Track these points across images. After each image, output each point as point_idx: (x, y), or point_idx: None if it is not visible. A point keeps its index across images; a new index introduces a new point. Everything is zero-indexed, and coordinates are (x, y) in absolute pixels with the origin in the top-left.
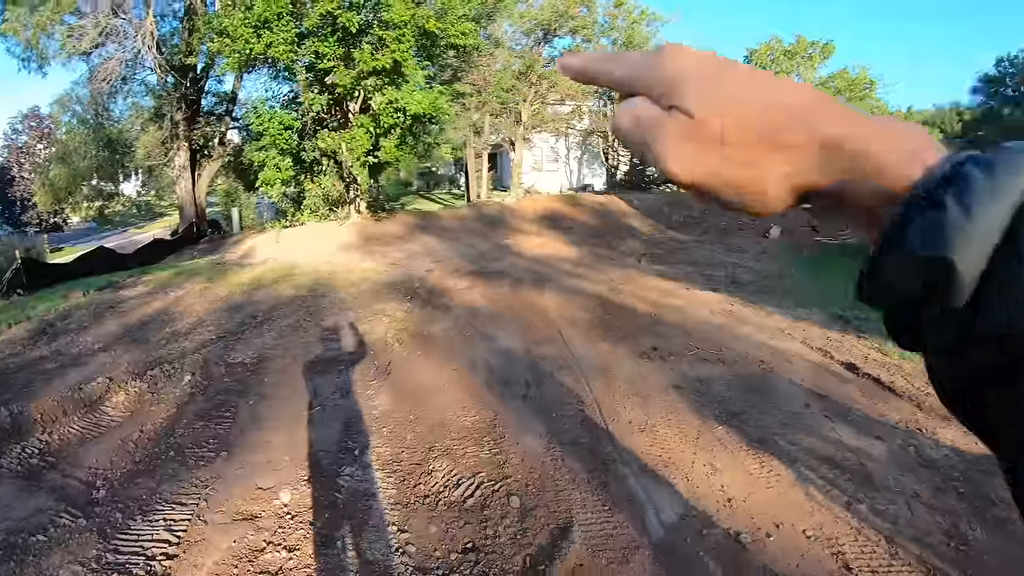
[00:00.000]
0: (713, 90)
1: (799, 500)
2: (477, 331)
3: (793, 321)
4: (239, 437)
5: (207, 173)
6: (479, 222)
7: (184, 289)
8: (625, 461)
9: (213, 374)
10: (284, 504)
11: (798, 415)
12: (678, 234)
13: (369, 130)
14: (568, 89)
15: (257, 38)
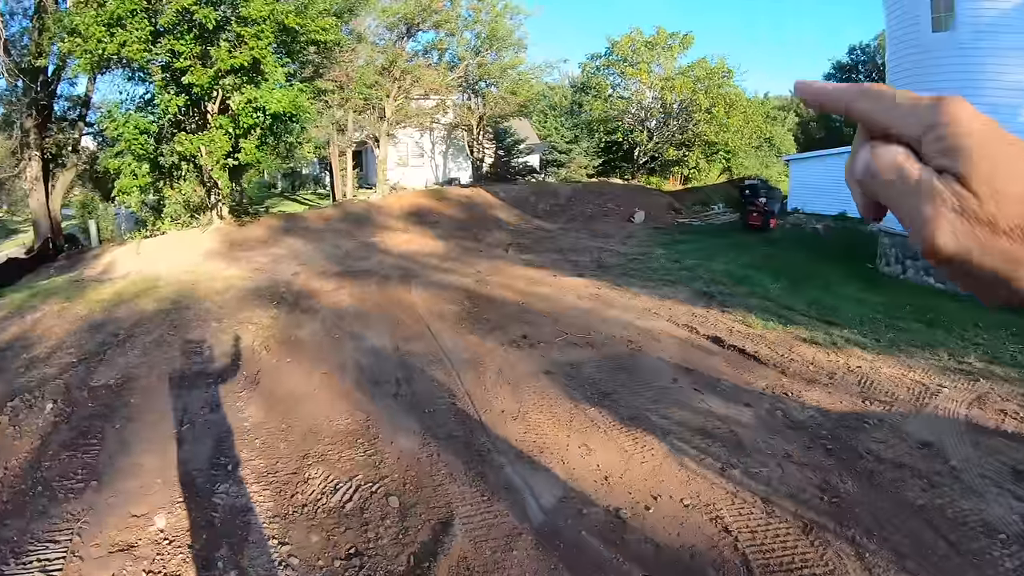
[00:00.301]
0: (998, 170)
1: (674, 471)
2: (345, 332)
3: (659, 300)
4: (108, 464)
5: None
6: (345, 221)
7: (41, 311)
8: (500, 450)
9: (76, 400)
10: (160, 529)
11: (667, 390)
12: (544, 223)
13: (228, 131)
14: (432, 83)
15: (110, 37)
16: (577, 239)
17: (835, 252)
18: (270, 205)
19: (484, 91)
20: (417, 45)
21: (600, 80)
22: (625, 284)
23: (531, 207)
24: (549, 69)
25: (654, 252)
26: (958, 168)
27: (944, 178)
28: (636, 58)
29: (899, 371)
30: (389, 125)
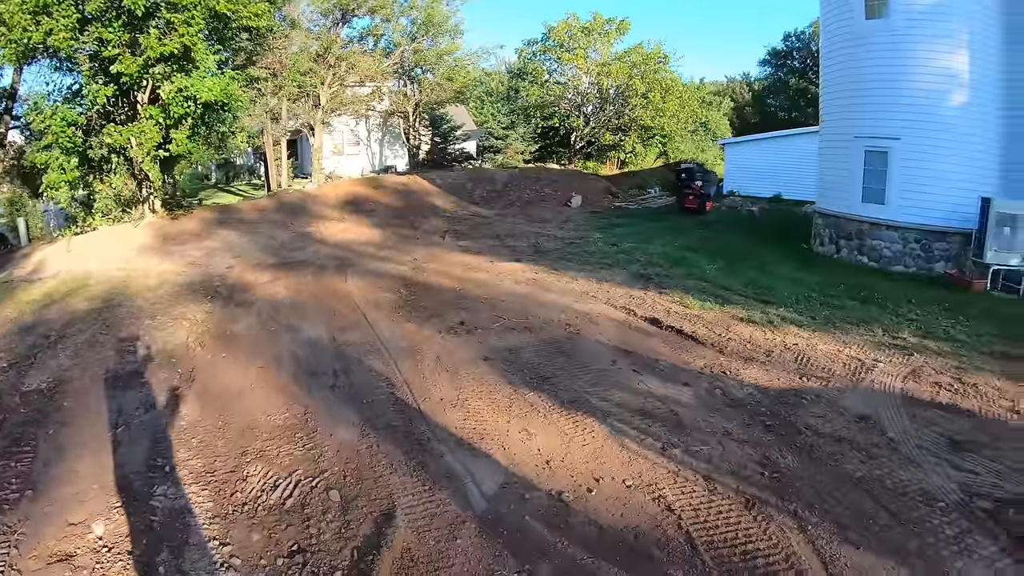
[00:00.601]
0: None
1: (616, 452)
2: (281, 324)
3: (597, 283)
4: (43, 472)
5: None
6: (280, 212)
7: None
8: (440, 439)
9: (8, 406)
10: (99, 537)
11: (607, 372)
12: (481, 209)
13: (159, 121)
14: (367, 70)
15: (36, 25)
16: (514, 225)
17: (770, 233)
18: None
19: (420, 77)
20: (352, 31)
21: (537, 66)
22: (562, 268)
23: (468, 194)
24: (486, 55)
25: (591, 236)
26: None
27: None
28: (573, 44)
29: (835, 347)
30: (324, 113)
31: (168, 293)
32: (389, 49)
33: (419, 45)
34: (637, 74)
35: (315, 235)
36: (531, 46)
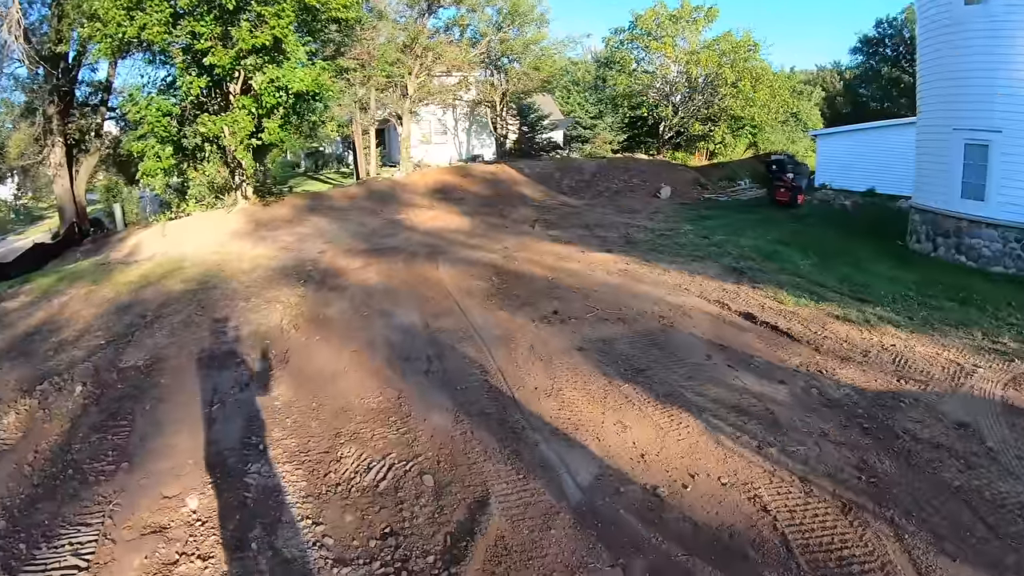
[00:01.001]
0: None
1: (711, 449)
2: (374, 309)
3: (689, 276)
4: (139, 446)
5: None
6: (370, 199)
7: (69, 294)
8: (535, 427)
9: (106, 381)
10: (193, 511)
11: (701, 366)
12: (569, 199)
13: (251, 111)
14: (454, 60)
15: (130, 20)
16: (603, 215)
17: (864, 228)
18: (294, 184)
19: (507, 67)
20: (438, 21)
21: (624, 54)
22: (654, 260)
23: (556, 183)
24: (572, 44)
25: (682, 228)
26: None
27: None
28: (660, 32)
29: (933, 350)
30: (411, 103)
31: (261, 277)
32: (475, 39)
33: (505, 34)
34: (726, 63)
35: (405, 222)
36: (618, 35)
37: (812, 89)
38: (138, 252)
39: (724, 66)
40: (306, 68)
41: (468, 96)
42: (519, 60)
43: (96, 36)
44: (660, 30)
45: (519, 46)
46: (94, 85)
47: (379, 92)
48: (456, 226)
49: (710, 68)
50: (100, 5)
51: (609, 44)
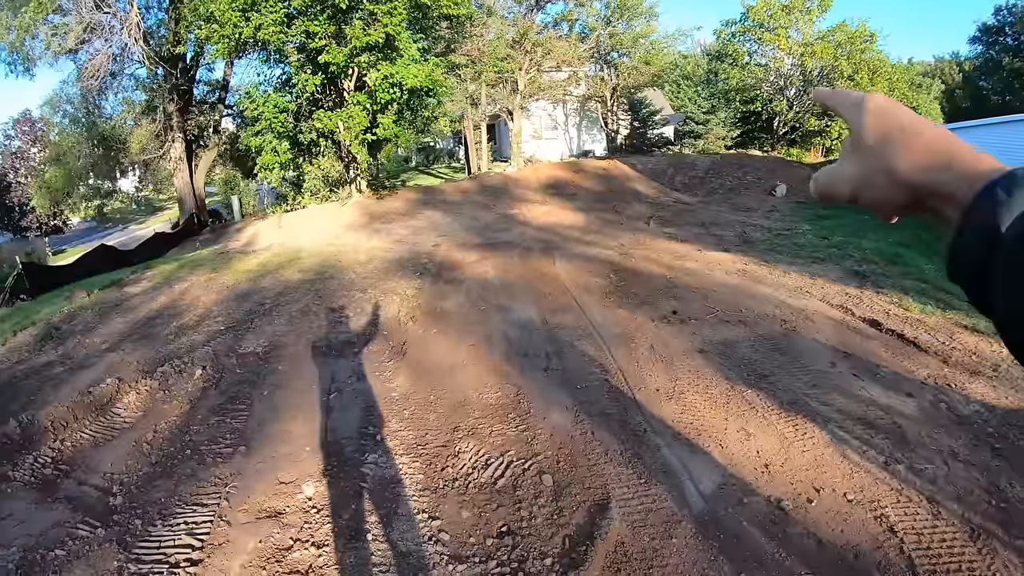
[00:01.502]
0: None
1: (836, 462)
2: (491, 304)
3: (810, 278)
4: (256, 430)
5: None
6: (482, 194)
7: (189, 281)
8: (656, 431)
9: (225, 366)
10: (308, 498)
11: (826, 374)
12: (682, 196)
13: (366, 107)
14: (563, 55)
15: (245, 21)
16: (718, 213)
17: None
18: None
19: (616, 61)
20: (547, 17)
21: (736, 47)
22: (773, 260)
23: (669, 179)
24: (682, 37)
25: (800, 227)
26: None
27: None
28: (773, 23)
29: None
30: (522, 98)
31: (377, 268)
32: (584, 34)
33: (614, 29)
34: (842, 54)
35: (518, 217)
36: (729, 27)
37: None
38: (255, 242)
39: (840, 58)
40: (419, 64)
41: (578, 91)
42: (629, 54)
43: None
44: (772, 21)
45: (628, 40)
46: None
47: (489, 88)
48: (570, 222)
49: (825, 60)
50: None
51: (720, 36)
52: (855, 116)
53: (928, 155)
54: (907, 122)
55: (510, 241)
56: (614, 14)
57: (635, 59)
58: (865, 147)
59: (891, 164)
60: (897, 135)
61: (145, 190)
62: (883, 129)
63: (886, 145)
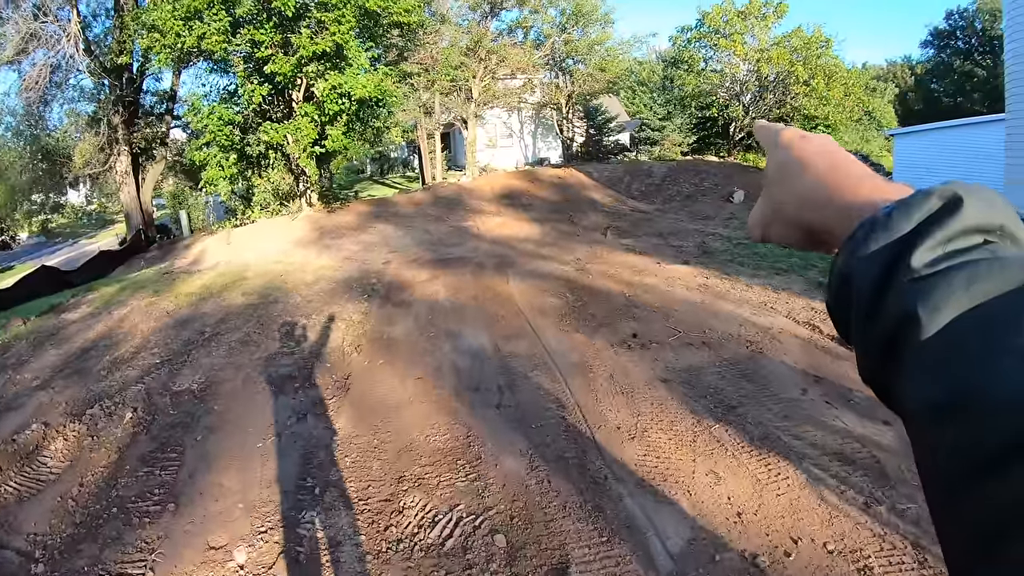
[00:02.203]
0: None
1: (814, 506)
2: (441, 329)
3: (774, 292)
4: (187, 483)
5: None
6: (435, 205)
7: (129, 306)
8: (618, 477)
9: (157, 407)
10: (240, 566)
11: (797, 403)
12: (640, 204)
13: (314, 119)
14: (518, 62)
15: (188, 30)
16: (676, 221)
17: None
18: (359, 190)
19: (572, 68)
20: (501, 24)
21: (692, 53)
22: (734, 273)
23: (626, 187)
24: (637, 44)
25: None
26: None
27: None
28: (729, 29)
29: None
30: (476, 106)
31: (324, 290)
32: (539, 40)
33: (569, 35)
34: (798, 60)
35: (472, 230)
36: (685, 33)
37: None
38: (202, 260)
39: (796, 63)
40: (369, 74)
41: (533, 99)
42: (584, 61)
43: (155, 47)
44: (728, 27)
45: (584, 47)
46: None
47: (443, 96)
48: (525, 234)
49: (782, 66)
50: (158, 16)
51: (676, 43)
52: (770, 151)
53: (813, 190)
54: (805, 155)
55: (463, 256)
56: (569, 21)
57: (590, 66)
58: (766, 184)
59: (781, 201)
60: (791, 169)
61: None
62: (782, 164)
63: (781, 181)
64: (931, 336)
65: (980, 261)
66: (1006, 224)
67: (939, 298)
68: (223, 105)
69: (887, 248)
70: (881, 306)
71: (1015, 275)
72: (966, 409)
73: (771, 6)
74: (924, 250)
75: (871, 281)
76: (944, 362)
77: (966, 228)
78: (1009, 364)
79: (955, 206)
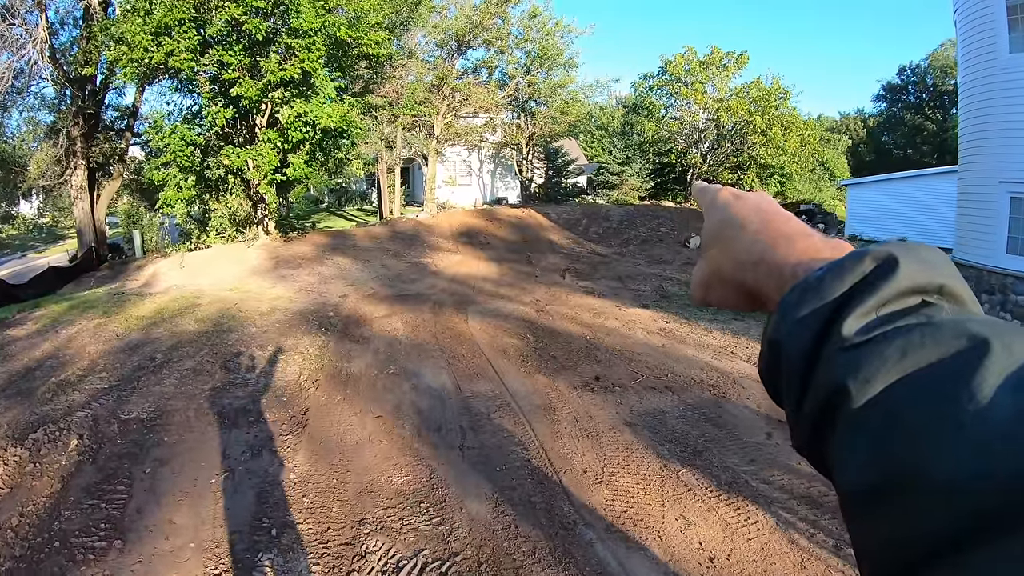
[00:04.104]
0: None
1: (785, 550)
2: (400, 367)
3: (733, 337)
4: (136, 519)
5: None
6: (394, 241)
7: (77, 326)
8: (587, 522)
9: (104, 435)
10: None
11: (762, 447)
12: (597, 247)
13: (277, 145)
14: (481, 101)
15: (157, 46)
16: (635, 265)
17: None
18: (316, 220)
19: (534, 110)
20: (467, 62)
21: (653, 100)
22: (694, 318)
23: (583, 230)
24: (599, 88)
25: None
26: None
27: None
28: (690, 78)
29: None
30: (438, 143)
31: (280, 321)
32: (503, 81)
33: (533, 77)
34: (757, 110)
35: (430, 267)
36: (647, 80)
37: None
38: (154, 283)
39: (755, 113)
40: (335, 104)
41: (494, 138)
42: (546, 103)
43: (122, 60)
44: (690, 76)
45: (547, 89)
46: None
47: (406, 131)
48: (484, 273)
49: (740, 115)
50: (128, 29)
51: (638, 89)
52: (707, 211)
53: (747, 250)
54: (741, 214)
55: (421, 293)
56: (534, 63)
57: (552, 108)
58: (703, 246)
59: (718, 262)
60: (727, 230)
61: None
62: (717, 225)
63: (717, 241)
64: (861, 409)
65: (914, 328)
66: (946, 284)
67: (870, 370)
68: (186, 125)
69: (817, 313)
70: (811, 376)
71: (950, 342)
72: (902, 492)
73: (732, 57)
74: (856, 316)
75: (800, 349)
76: (878, 440)
77: (901, 291)
78: (948, 440)
79: (890, 268)
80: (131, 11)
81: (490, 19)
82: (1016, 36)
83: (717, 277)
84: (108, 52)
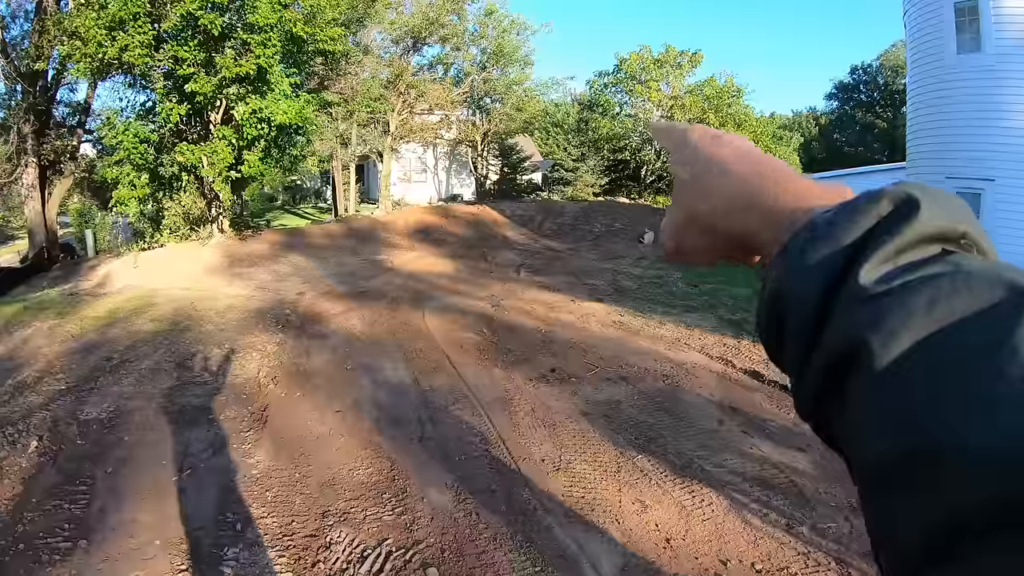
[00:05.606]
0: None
1: (739, 529)
2: (358, 363)
3: (687, 329)
4: (99, 518)
5: (58, 192)
6: (350, 238)
7: (32, 327)
8: (547, 508)
9: (64, 436)
10: None
11: (715, 433)
12: (552, 242)
13: (231, 142)
14: (437, 98)
15: (111, 40)
16: (589, 260)
17: None
18: (271, 218)
19: (489, 107)
20: (423, 59)
21: (607, 98)
22: (648, 311)
23: (538, 226)
24: (555, 86)
25: (670, 275)
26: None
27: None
28: (645, 76)
29: None
30: (393, 140)
31: (237, 319)
32: (459, 78)
33: (489, 75)
34: (710, 108)
35: (386, 263)
36: (602, 78)
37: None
38: (108, 283)
39: (708, 111)
40: (290, 100)
41: (449, 135)
42: (502, 100)
43: (75, 55)
44: (645, 74)
45: (502, 86)
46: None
47: (361, 128)
48: (439, 269)
49: (694, 113)
50: (81, 23)
51: (593, 87)
52: (677, 153)
53: (733, 196)
54: (722, 155)
55: (378, 290)
56: (490, 60)
57: (507, 105)
58: (676, 190)
59: (695, 207)
60: (706, 172)
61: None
62: (695, 166)
63: (695, 185)
64: (885, 369)
65: (942, 276)
66: (969, 232)
67: (895, 323)
68: (139, 122)
69: (828, 261)
70: (822, 331)
71: (985, 292)
72: (938, 465)
73: (687, 55)
74: (874, 264)
75: (809, 301)
76: (905, 404)
77: (923, 236)
78: (994, 405)
79: (910, 210)
80: (85, 5)
81: (446, 16)
82: (963, 38)
83: (695, 225)
84: (61, 47)
